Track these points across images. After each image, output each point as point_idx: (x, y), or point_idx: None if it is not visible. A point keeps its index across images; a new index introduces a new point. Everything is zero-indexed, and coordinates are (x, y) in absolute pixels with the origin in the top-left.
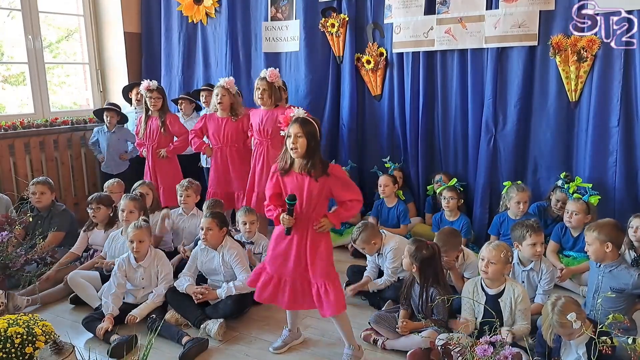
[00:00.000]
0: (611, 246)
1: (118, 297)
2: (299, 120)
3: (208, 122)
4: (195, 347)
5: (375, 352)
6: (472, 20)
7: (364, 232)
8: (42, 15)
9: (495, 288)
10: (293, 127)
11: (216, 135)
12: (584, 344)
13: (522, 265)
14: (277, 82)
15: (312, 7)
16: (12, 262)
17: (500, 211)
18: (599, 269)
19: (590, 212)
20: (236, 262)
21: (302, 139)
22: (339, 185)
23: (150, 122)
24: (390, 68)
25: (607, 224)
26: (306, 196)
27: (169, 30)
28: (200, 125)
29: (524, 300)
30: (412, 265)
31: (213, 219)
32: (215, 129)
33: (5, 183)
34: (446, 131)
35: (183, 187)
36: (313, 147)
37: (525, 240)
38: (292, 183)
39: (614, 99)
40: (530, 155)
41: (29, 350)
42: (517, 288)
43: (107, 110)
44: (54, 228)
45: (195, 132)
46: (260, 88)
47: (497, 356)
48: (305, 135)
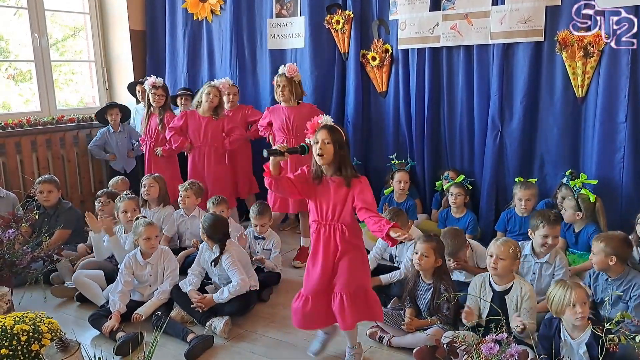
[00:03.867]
0: (615, 260)
1: (125, 294)
2: (327, 127)
3: (189, 120)
4: (200, 344)
5: (381, 349)
6: (478, 16)
7: (402, 217)
8: (48, 13)
9: (503, 285)
10: (320, 133)
11: (196, 134)
12: (584, 343)
13: (536, 257)
14: (297, 77)
15: (317, 3)
16: (18, 260)
17: (509, 207)
18: (606, 282)
19: (582, 209)
20: (229, 265)
21: (330, 146)
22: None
23: (151, 119)
24: (395, 64)
25: (615, 237)
26: (332, 203)
27: (174, 27)
28: (180, 123)
29: (531, 298)
30: (436, 262)
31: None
32: (196, 127)
33: (12, 181)
34: (452, 127)
35: (184, 188)
36: (341, 154)
37: (538, 230)
38: (320, 191)
39: (622, 95)
40: (537, 152)
41: (35, 347)
42: (524, 286)
43: (110, 108)
44: (61, 226)
45: (175, 130)
46: (281, 85)
47: (503, 354)
48: (333, 142)
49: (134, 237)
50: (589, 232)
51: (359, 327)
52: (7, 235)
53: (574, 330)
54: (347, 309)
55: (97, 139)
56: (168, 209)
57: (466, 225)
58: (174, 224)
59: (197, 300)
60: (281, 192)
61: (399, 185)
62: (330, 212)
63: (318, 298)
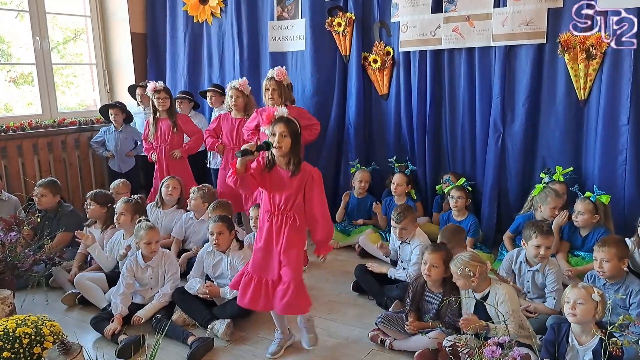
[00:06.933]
0: (626, 262)
1: (127, 297)
2: (283, 119)
3: (222, 122)
4: (202, 347)
5: (382, 352)
6: (480, 18)
7: (410, 214)
8: (49, 16)
9: (480, 292)
10: (278, 126)
11: (229, 136)
12: (590, 350)
13: (529, 266)
14: (285, 80)
15: (318, 6)
16: (20, 263)
17: (525, 211)
18: (604, 287)
19: (598, 211)
20: (242, 266)
21: (287, 139)
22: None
23: (160, 123)
24: (397, 67)
25: (621, 240)
26: (285, 193)
27: (174, 30)
28: (214, 126)
29: (505, 302)
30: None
31: (223, 223)
32: (229, 129)
33: (14, 184)
34: (454, 130)
35: (193, 191)
36: (296, 146)
37: (531, 240)
38: (275, 179)
39: (624, 97)
40: (539, 154)
41: (37, 350)
42: (499, 290)
43: (112, 107)
44: (62, 228)
45: (210, 132)
46: (270, 88)
47: (505, 357)
48: (290, 134)
49: (135, 240)
50: (599, 235)
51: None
52: (9, 238)
53: (582, 336)
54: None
55: (98, 135)
56: (181, 212)
57: (468, 229)
58: (183, 227)
59: (203, 291)
60: (245, 189)
61: (393, 186)
62: (283, 202)
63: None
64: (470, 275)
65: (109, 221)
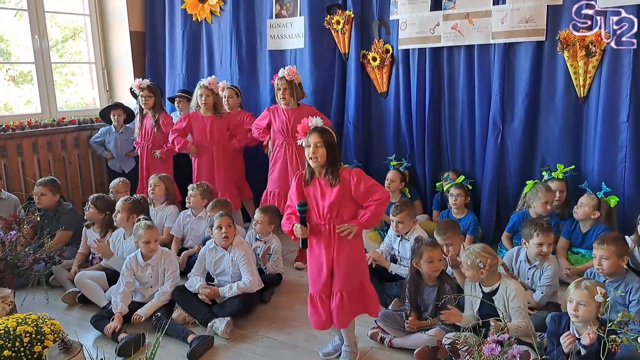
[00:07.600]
0: (625, 260)
1: (127, 295)
2: (317, 129)
3: (192, 121)
4: (202, 345)
5: (382, 350)
6: (479, 15)
7: (408, 208)
8: (48, 15)
9: (490, 285)
10: (312, 136)
11: (202, 134)
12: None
13: (528, 263)
14: (297, 79)
15: (317, 4)
16: (21, 262)
17: (519, 209)
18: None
19: (599, 209)
20: (243, 262)
21: (322, 149)
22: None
23: (145, 121)
24: (396, 65)
25: (620, 238)
26: (328, 202)
27: (173, 28)
28: (184, 125)
29: (517, 297)
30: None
31: (228, 217)
32: (201, 127)
33: (14, 183)
34: (453, 128)
35: (191, 188)
36: (333, 155)
37: (532, 238)
38: (314, 192)
39: (624, 94)
40: (538, 152)
41: (38, 349)
42: (510, 285)
43: (114, 108)
44: (62, 227)
45: (179, 132)
46: (281, 88)
47: (505, 355)
48: (325, 144)
49: (134, 239)
50: (599, 232)
51: (359, 328)
52: (9, 237)
53: (583, 329)
54: (344, 308)
55: (98, 135)
56: (171, 208)
57: (467, 226)
58: (181, 224)
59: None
60: None
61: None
62: (327, 211)
63: (323, 297)
64: (481, 266)
65: (107, 227)
